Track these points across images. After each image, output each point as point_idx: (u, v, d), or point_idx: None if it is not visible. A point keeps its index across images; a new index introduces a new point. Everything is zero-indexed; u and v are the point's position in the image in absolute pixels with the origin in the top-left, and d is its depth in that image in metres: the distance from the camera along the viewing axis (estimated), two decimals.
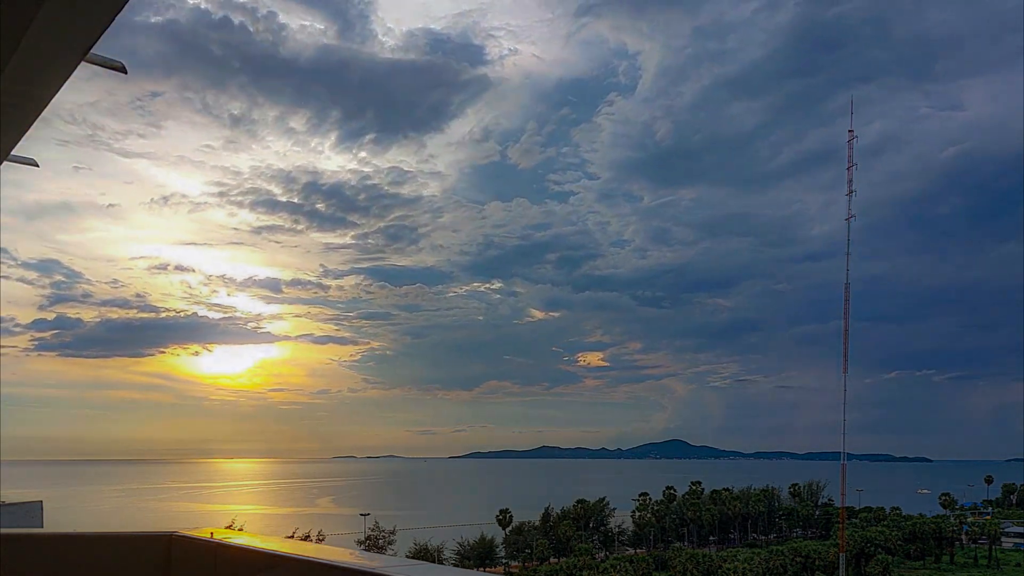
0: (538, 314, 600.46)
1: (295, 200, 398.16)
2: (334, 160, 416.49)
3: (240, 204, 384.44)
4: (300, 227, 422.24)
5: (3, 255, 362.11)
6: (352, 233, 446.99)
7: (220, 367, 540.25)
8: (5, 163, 6.05)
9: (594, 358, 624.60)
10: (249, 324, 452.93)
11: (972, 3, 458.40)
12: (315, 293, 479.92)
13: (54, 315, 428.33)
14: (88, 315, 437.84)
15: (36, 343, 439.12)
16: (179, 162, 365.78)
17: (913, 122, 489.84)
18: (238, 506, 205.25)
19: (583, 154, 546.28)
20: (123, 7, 3.85)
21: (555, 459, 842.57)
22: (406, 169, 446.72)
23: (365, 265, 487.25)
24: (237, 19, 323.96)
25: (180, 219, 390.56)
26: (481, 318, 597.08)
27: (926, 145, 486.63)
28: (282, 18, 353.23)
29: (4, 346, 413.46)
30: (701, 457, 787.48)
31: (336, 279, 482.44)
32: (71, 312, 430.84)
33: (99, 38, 4.16)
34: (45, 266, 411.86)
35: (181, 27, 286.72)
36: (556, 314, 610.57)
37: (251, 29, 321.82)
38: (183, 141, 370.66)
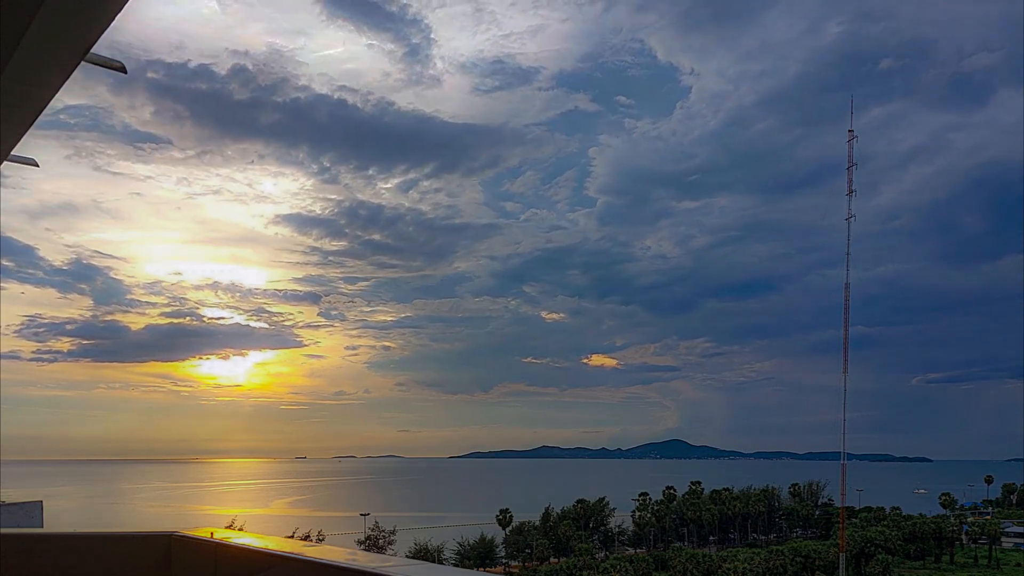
0: (557, 318, 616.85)
1: (357, 231, 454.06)
2: (394, 198, 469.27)
3: (305, 232, 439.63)
4: (356, 248, 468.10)
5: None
6: (399, 255, 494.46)
7: (248, 372, 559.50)
8: (6, 163, 6.05)
9: (609, 361, 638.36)
10: (285, 333, 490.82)
11: (1008, 22, 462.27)
12: (348, 303, 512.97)
13: (103, 321, 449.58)
14: (133, 321, 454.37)
15: (79, 347, 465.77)
16: (259, 199, 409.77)
17: (945, 132, 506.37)
18: (185, 507, 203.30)
19: (616, 166, 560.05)
20: (123, 7, 3.85)
21: (555, 459, 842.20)
22: (460, 208, 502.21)
23: (400, 275, 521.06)
24: (351, 100, 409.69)
25: (236, 241, 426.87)
26: (504, 324, 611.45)
27: (954, 155, 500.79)
28: (390, 97, 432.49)
29: (47, 351, 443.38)
30: (701, 457, 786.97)
31: (366, 286, 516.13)
32: (121, 318, 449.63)
33: (99, 38, 4.16)
34: (86, 272, 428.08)
35: (301, 104, 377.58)
36: (575, 319, 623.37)
37: (360, 107, 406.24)
38: (270, 183, 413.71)
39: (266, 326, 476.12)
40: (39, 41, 3.98)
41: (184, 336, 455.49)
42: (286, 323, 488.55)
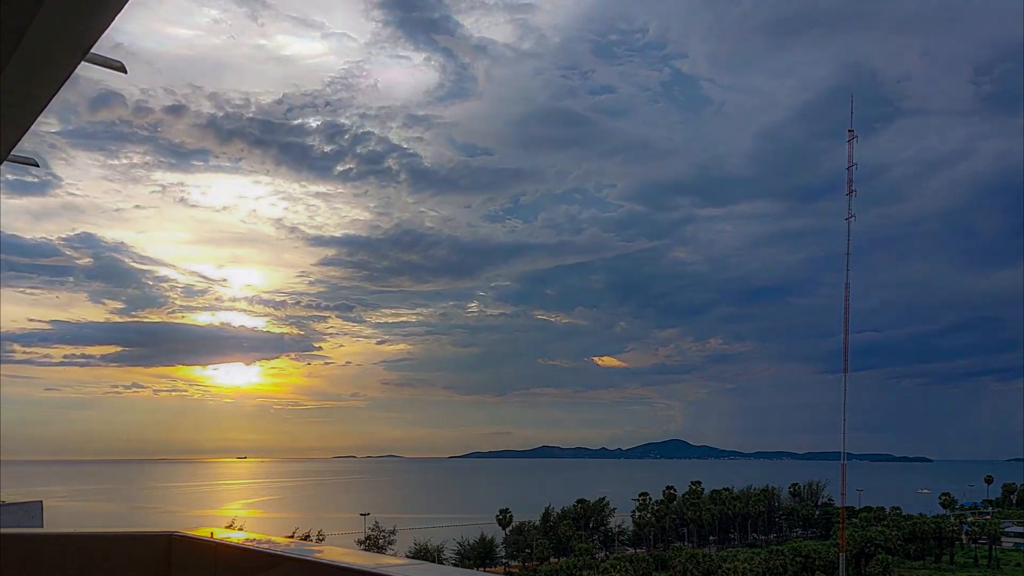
0: (573, 322, 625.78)
1: (398, 254, 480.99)
2: (436, 226, 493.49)
3: (352, 255, 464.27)
4: (393, 266, 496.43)
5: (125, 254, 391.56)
6: (431, 273, 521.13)
7: (270, 376, 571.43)
8: (5, 163, 6.06)
9: (615, 363, 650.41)
10: (312, 338, 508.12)
11: None
12: (373, 312, 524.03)
13: (134, 325, 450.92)
14: (164, 325, 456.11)
15: (110, 352, 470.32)
16: (316, 227, 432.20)
17: (973, 141, 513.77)
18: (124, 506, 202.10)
19: (642, 174, 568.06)
20: (123, 7, 3.84)
21: (555, 459, 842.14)
22: (492, 232, 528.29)
23: (427, 288, 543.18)
24: (422, 152, 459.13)
25: (277, 255, 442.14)
26: (520, 330, 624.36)
27: (981, 162, 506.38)
28: (447, 148, 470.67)
29: (80, 355, 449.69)
30: (701, 457, 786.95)
31: (393, 296, 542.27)
32: (152, 323, 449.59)
33: (99, 38, 4.16)
34: (122, 277, 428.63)
35: (376, 154, 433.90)
36: (591, 324, 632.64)
37: (423, 156, 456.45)
38: (331, 214, 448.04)
39: (296, 331, 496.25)
40: (39, 41, 3.97)
41: (215, 341, 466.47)
42: (316, 329, 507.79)
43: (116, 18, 3.96)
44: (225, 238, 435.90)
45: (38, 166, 6.42)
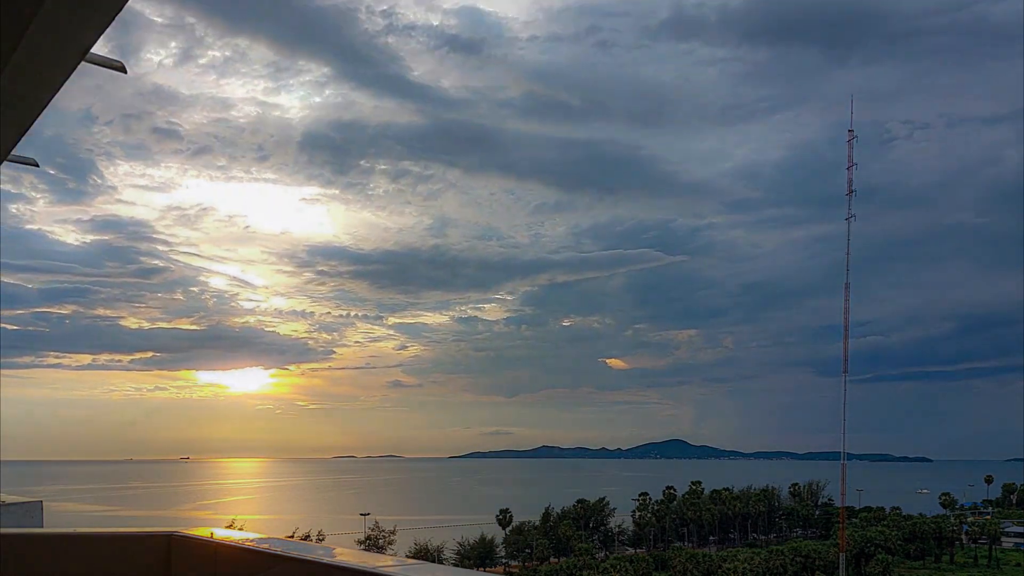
0: (584, 324, 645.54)
1: (428, 273, 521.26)
2: (468, 247, 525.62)
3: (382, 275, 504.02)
4: (421, 281, 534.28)
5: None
6: (454, 287, 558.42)
7: (292, 378, 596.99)
8: (5, 163, 6.05)
9: (619, 363, 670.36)
10: (336, 342, 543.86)
11: None
12: (393, 316, 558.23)
13: (170, 330, 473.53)
14: (191, 330, 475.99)
15: (142, 357, 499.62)
16: (358, 250, 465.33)
17: (996, 149, 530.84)
18: (86, 505, 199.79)
19: (659, 182, 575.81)
20: (123, 7, 3.84)
21: (555, 459, 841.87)
22: (517, 251, 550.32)
23: (449, 299, 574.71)
24: (464, 184, 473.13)
25: (315, 269, 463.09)
26: (530, 333, 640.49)
27: (1004, 167, 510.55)
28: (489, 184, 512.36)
29: (111, 360, 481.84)
30: (701, 457, 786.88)
31: (415, 303, 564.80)
32: (183, 327, 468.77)
33: (99, 38, 4.15)
34: (160, 284, 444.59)
35: (429, 191, 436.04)
36: (601, 327, 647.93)
37: (466, 189, 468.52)
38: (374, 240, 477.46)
39: (324, 335, 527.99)
40: (39, 41, 3.97)
41: (245, 346, 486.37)
42: (341, 334, 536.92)
43: (116, 18, 3.95)
44: (265, 250, 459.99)
45: (38, 166, 6.42)
